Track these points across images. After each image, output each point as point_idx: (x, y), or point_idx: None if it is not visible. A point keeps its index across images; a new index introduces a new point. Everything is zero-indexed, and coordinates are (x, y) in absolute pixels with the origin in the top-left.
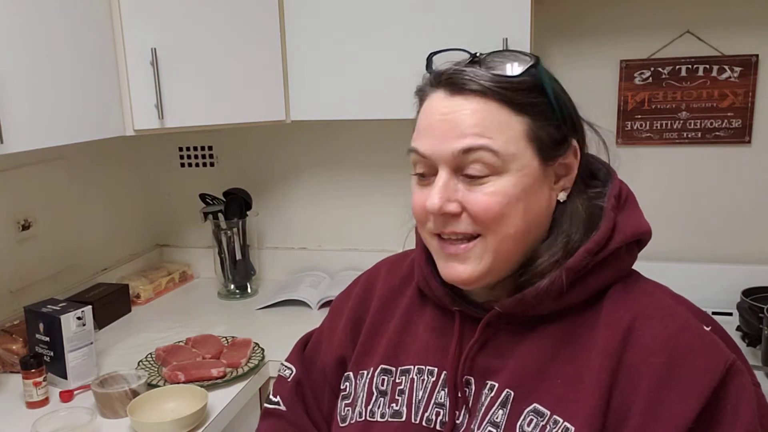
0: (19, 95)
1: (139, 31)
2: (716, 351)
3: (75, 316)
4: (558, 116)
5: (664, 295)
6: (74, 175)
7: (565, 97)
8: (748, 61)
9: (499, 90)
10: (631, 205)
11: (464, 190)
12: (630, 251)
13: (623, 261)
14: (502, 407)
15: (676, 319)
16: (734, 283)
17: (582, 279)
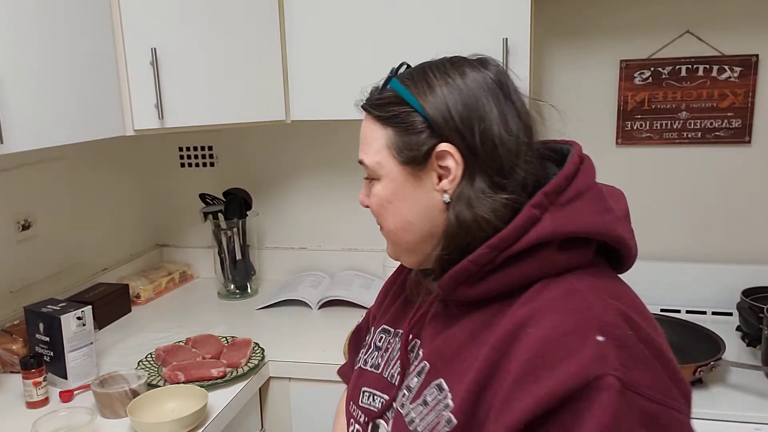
0: (19, 95)
1: (139, 31)
2: (586, 362)
3: (75, 316)
4: (422, 126)
5: (585, 298)
6: (74, 175)
7: (447, 105)
8: (748, 61)
9: (370, 107)
10: (582, 203)
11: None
12: (566, 249)
13: (551, 258)
14: (417, 376)
15: (566, 321)
16: (734, 283)
17: (496, 271)
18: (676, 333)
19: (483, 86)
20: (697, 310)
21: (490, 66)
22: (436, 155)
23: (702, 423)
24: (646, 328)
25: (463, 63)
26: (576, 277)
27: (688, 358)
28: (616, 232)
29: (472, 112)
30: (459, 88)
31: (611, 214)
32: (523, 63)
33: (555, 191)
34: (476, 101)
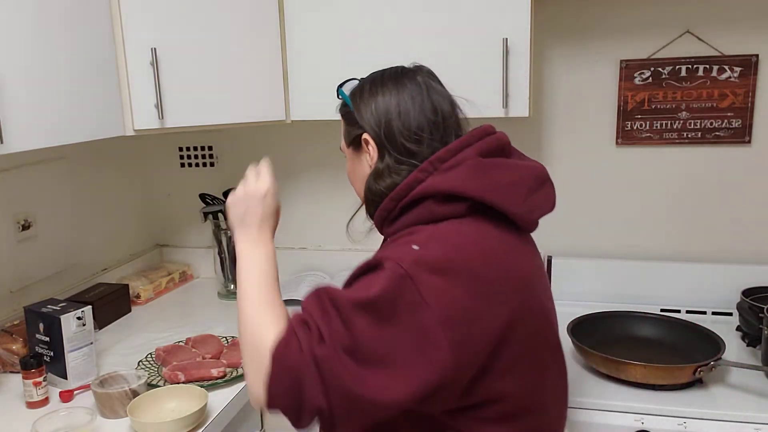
0: (19, 95)
1: (139, 31)
2: (390, 252)
3: (75, 316)
4: (354, 121)
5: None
6: (74, 175)
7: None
8: (748, 61)
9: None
10: (458, 170)
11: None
12: (444, 203)
13: (431, 208)
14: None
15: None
16: (734, 283)
17: (399, 216)
18: (675, 333)
19: (401, 91)
20: (697, 310)
21: (423, 74)
22: (363, 141)
23: (702, 423)
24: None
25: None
26: (446, 223)
27: (688, 358)
28: (482, 194)
29: (381, 112)
30: (379, 90)
31: (484, 180)
32: (523, 63)
33: (438, 160)
34: (388, 104)
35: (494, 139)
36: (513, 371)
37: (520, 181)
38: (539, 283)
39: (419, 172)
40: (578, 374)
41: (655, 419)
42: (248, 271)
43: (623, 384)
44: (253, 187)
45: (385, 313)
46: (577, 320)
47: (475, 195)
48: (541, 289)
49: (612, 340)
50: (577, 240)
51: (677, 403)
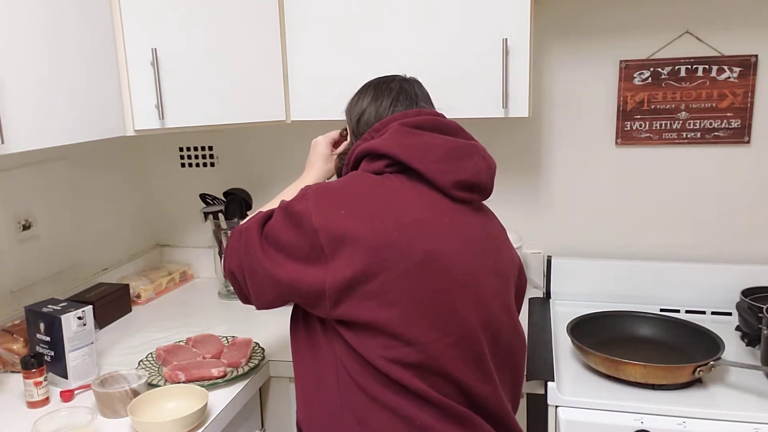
0: (19, 95)
1: (139, 31)
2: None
3: (75, 315)
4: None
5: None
6: (74, 175)
7: (349, 109)
8: (748, 62)
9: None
10: (383, 137)
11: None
12: (372, 161)
13: (363, 166)
14: None
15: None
16: (734, 283)
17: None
18: (675, 333)
19: (376, 92)
20: (697, 310)
21: (397, 80)
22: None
23: (701, 423)
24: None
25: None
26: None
27: (687, 358)
28: (392, 151)
29: (359, 109)
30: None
31: (399, 141)
32: (523, 63)
33: (374, 130)
34: (355, 104)
35: (427, 118)
36: (382, 299)
37: (435, 147)
38: (441, 233)
39: (360, 140)
40: (578, 374)
41: (655, 419)
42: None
43: (623, 384)
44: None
45: (286, 217)
46: (577, 320)
47: (389, 152)
48: (441, 238)
49: (612, 340)
50: (577, 240)
51: (677, 402)
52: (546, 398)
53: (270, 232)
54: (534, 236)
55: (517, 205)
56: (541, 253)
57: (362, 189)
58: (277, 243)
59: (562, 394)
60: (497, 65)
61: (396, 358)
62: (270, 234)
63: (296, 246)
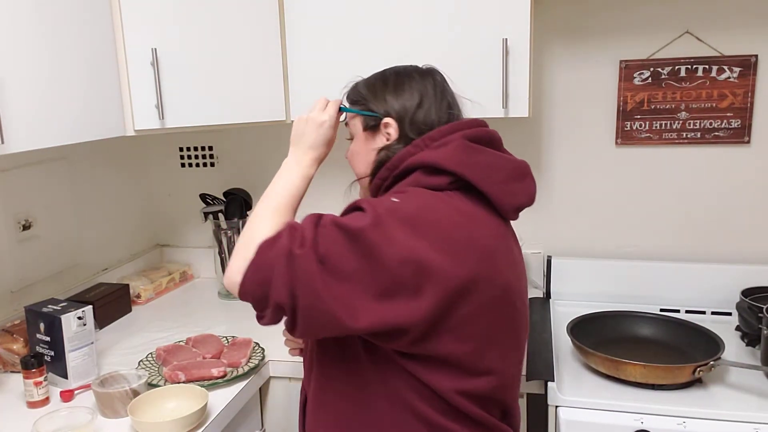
0: (19, 95)
1: (139, 31)
2: (367, 201)
3: (75, 315)
4: (373, 105)
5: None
6: (74, 175)
7: (386, 96)
8: (748, 62)
9: (350, 93)
10: (445, 148)
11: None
12: (429, 174)
13: (418, 178)
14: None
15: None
16: (733, 283)
17: (392, 185)
18: (675, 333)
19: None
20: (697, 310)
21: (436, 74)
22: (383, 125)
23: (701, 423)
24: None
25: (407, 70)
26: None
27: (687, 358)
28: (461, 170)
29: (406, 101)
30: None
31: (465, 158)
32: (523, 63)
33: (430, 138)
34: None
35: (483, 130)
36: (460, 333)
37: (500, 167)
38: (509, 263)
39: (412, 147)
40: (578, 374)
41: (655, 419)
42: (277, 181)
43: (623, 384)
44: (315, 114)
45: (354, 245)
46: (577, 320)
47: (456, 170)
48: (509, 269)
49: (612, 340)
50: (577, 240)
51: (677, 402)
52: (546, 398)
53: (333, 263)
54: (534, 236)
55: None
56: (541, 253)
57: (439, 214)
58: (345, 277)
59: (563, 394)
60: (497, 65)
61: (466, 391)
62: (333, 265)
63: (371, 282)
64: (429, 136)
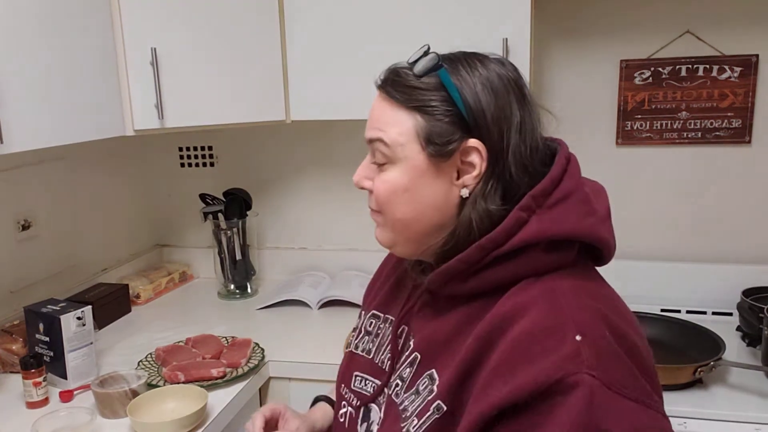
0: (19, 95)
1: (139, 31)
2: (562, 359)
3: (75, 316)
4: (456, 118)
5: (566, 297)
6: (74, 175)
7: (482, 101)
8: (748, 61)
9: (395, 88)
10: (566, 206)
11: (376, 172)
12: (552, 250)
13: (537, 258)
14: (410, 366)
15: (547, 319)
16: (734, 283)
17: (485, 269)
18: (676, 333)
19: (509, 86)
20: (697, 310)
21: (509, 66)
22: (462, 150)
23: (702, 423)
24: (623, 327)
25: (486, 59)
26: (559, 276)
27: (688, 358)
28: (599, 234)
29: (501, 113)
30: (490, 85)
31: (595, 216)
32: (523, 63)
33: (542, 194)
34: (505, 103)
35: (576, 158)
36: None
37: (609, 211)
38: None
39: (521, 211)
40: None
41: None
42: None
43: None
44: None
45: None
46: None
47: (592, 236)
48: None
49: None
50: None
51: (677, 403)
52: None
53: None
54: None
55: None
56: None
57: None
58: None
59: None
60: None
61: None
62: None
63: None
64: (542, 189)
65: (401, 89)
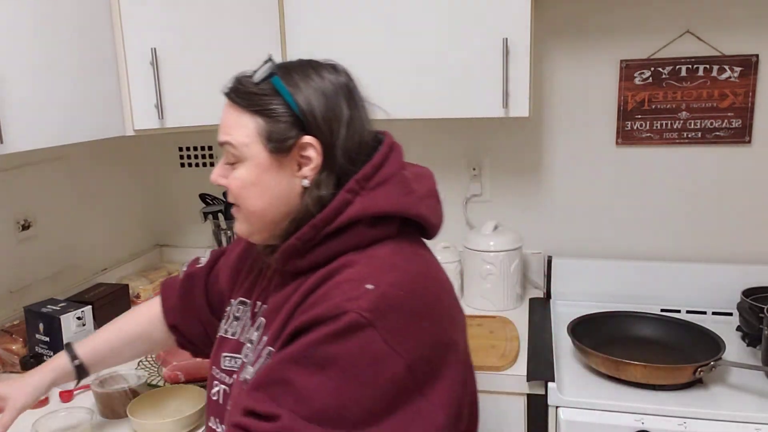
0: (19, 95)
1: (139, 31)
2: (343, 300)
3: (75, 316)
4: (291, 119)
5: (379, 260)
6: (74, 175)
7: (313, 103)
8: (748, 61)
9: (237, 95)
10: (386, 187)
11: (230, 171)
12: (375, 225)
13: (362, 233)
14: (257, 330)
15: (355, 274)
16: (734, 283)
17: (318, 245)
18: (676, 333)
19: (339, 89)
20: (697, 310)
21: (341, 72)
22: (299, 146)
23: (702, 423)
24: (427, 287)
25: (320, 66)
26: (382, 245)
27: (688, 358)
28: (416, 210)
29: (331, 113)
30: (321, 89)
31: (412, 196)
32: (523, 63)
33: (364, 178)
34: (335, 104)
35: (400, 147)
36: (471, 389)
37: (431, 191)
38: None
39: (347, 193)
40: (578, 374)
41: (655, 419)
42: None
43: (623, 384)
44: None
45: (351, 375)
46: (577, 320)
47: (410, 212)
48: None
49: (612, 340)
50: (577, 240)
51: (677, 403)
52: (546, 398)
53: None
54: (534, 236)
55: (517, 205)
56: (541, 253)
57: (426, 279)
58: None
59: (563, 394)
60: (497, 65)
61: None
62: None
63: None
64: (364, 174)
65: (243, 95)
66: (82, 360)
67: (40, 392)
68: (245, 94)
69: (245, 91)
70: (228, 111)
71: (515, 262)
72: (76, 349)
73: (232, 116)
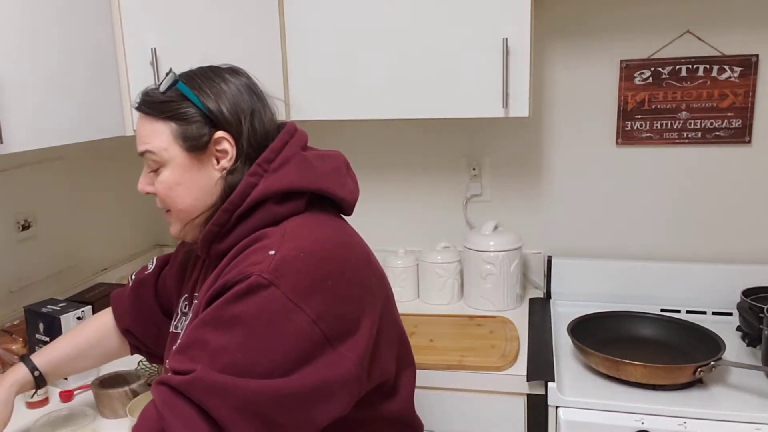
0: (19, 95)
1: (139, 31)
2: (249, 265)
3: (75, 316)
4: (202, 118)
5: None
6: (74, 175)
7: (219, 102)
8: (748, 61)
9: (148, 106)
10: (287, 168)
11: (154, 178)
12: (282, 202)
13: (271, 211)
14: (190, 305)
15: (266, 242)
16: (734, 283)
17: (235, 227)
18: (676, 333)
19: (240, 87)
20: (697, 310)
21: (242, 73)
22: (214, 141)
23: (702, 423)
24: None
25: (220, 70)
26: (293, 219)
27: (688, 358)
28: (317, 185)
29: (236, 108)
30: (224, 88)
31: (314, 172)
32: (523, 63)
33: (266, 161)
34: (239, 100)
35: (303, 134)
36: (384, 348)
37: (337, 168)
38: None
39: (250, 176)
40: (578, 374)
41: (655, 419)
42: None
43: (623, 384)
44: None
45: (257, 331)
46: (577, 320)
47: (312, 187)
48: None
49: (612, 340)
50: (577, 240)
51: (677, 403)
52: (546, 399)
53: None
54: (534, 236)
55: (517, 205)
56: (541, 253)
57: (330, 243)
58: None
59: (563, 394)
60: (497, 65)
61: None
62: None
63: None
64: (264, 158)
65: (153, 105)
66: (40, 370)
67: (10, 407)
68: (155, 104)
69: (154, 101)
70: (142, 123)
71: (515, 262)
72: (34, 359)
73: (146, 126)
